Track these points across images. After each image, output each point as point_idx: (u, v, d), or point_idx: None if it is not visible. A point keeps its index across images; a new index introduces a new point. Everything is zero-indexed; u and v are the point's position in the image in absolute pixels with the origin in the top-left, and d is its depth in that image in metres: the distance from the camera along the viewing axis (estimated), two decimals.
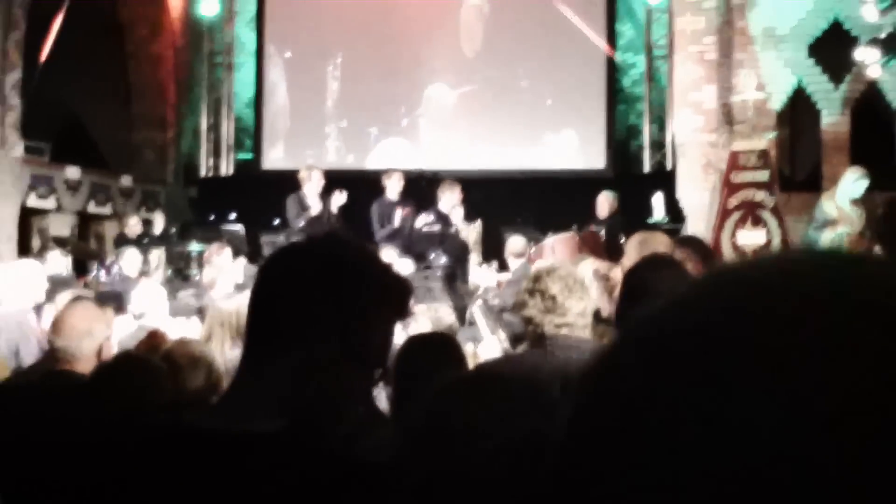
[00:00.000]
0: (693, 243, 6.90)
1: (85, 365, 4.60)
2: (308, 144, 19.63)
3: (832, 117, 12.97)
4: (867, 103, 12.93)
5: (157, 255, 12.48)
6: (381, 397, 5.33)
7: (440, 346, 4.01)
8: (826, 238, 10.59)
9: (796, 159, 14.01)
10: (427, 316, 6.26)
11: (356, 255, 1.81)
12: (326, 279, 1.73)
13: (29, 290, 7.29)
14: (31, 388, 4.70)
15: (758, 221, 11.24)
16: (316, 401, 1.68)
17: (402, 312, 1.88)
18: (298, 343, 1.70)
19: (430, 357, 3.86)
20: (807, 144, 13.60)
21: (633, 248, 6.22)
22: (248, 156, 20.51)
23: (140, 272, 11.33)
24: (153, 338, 5.84)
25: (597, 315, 4.34)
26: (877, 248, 10.18)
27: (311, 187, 12.37)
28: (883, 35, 11.43)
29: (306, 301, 1.71)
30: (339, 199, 12.31)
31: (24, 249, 15.11)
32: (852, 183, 10.73)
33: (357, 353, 1.75)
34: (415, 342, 4.15)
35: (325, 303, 1.71)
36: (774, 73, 12.94)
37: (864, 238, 10.49)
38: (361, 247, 1.98)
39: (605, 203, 12.89)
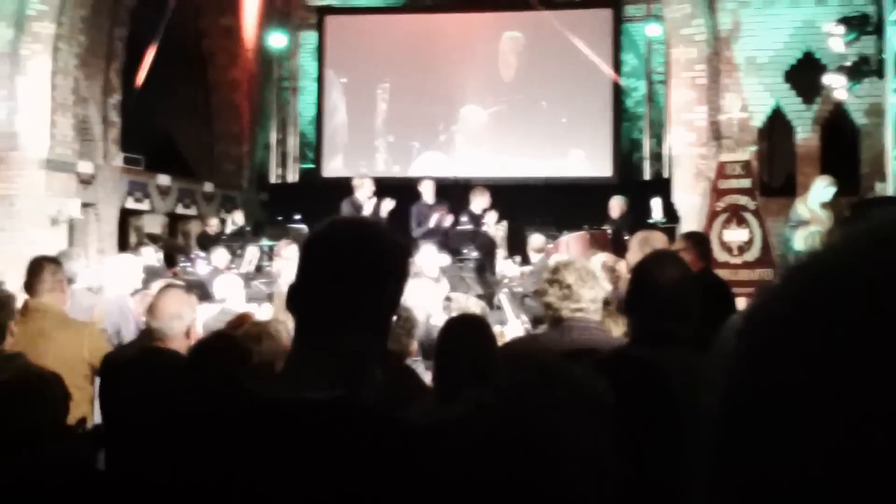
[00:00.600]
0: (692, 238, 6.89)
1: (175, 343, 4.64)
2: (361, 156, 19.68)
3: (805, 133, 12.89)
4: (834, 122, 12.85)
5: (252, 250, 12.53)
6: (421, 369, 5.34)
7: (475, 328, 4.03)
8: (800, 236, 10.55)
9: (774, 169, 13.88)
10: (454, 307, 6.26)
11: (378, 237, 1.82)
12: (356, 260, 1.73)
13: (128, 280, 7.37)
14: (134, 362, 4.74)
15: (741, 222, 11.17)
16: (360, 369, 1.70)
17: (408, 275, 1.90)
18: (339, 318, 1.70)
19: (467, 337, 3.88)
20: (783, 156, 13.48)
21: (636, 245, 6.21)
22: (310, 166, 20.55)
23: (228, 265, 11.38)
24: (242, 319, 5.86)
25: (605, 302, 4.33)
26: None
27: (363, 192, 12.50)
28: (848, 63, 11.37)
29: (342, 281, 1.72)
30: (388, 205, 12.39)
31: (122, 245, 15.28)
32: (822, 189, 10.69)
33: (382, 315, 1.77)
34: (453, 324, 4.16)
35: (357, 281, 1.72)
36: (756, 95, 12.87)
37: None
38: (381, 228, 2.00)
39: (616, 206, 12.98)
